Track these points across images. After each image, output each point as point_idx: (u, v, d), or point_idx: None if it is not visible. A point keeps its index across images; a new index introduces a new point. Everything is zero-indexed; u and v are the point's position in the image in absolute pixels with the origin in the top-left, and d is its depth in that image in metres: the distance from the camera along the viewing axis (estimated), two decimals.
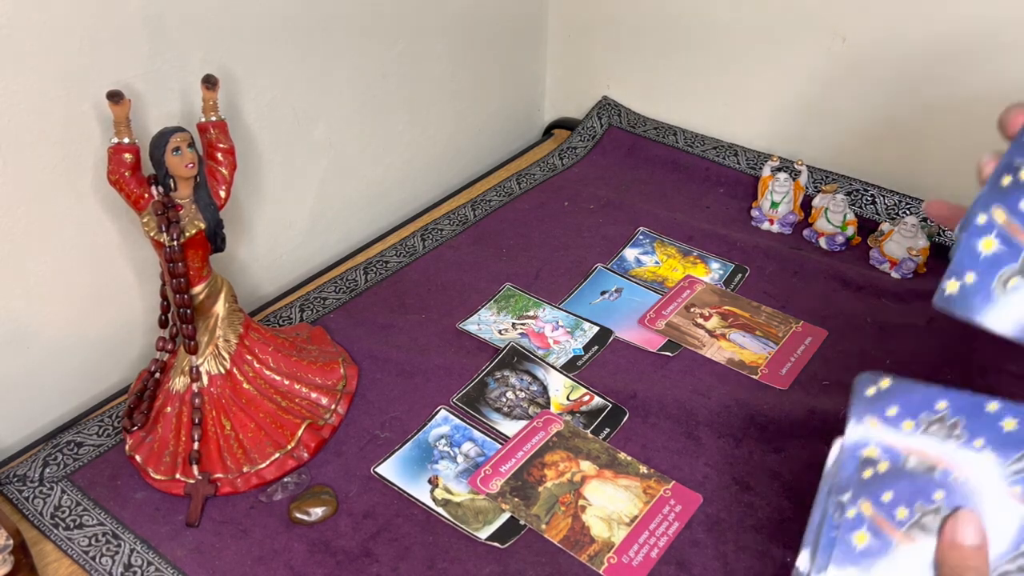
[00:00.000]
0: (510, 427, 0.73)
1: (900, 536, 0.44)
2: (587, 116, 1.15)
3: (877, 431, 0.44)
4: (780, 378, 0.77)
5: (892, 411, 0.44)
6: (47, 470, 0.69)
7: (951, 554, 0.41)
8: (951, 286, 0.44)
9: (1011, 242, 0.43)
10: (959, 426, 0.43)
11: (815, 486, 0.50)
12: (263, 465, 0.68)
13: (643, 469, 0.69)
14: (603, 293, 0.88)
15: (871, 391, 0.45)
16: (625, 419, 0.73)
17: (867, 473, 0.45)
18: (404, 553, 0.63)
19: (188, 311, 0.66)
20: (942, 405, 0.43)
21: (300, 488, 0.68)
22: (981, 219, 0.44)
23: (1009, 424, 0.42)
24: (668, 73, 1.10)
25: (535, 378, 0.77)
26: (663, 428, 0.72)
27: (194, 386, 0.68)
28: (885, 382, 0.44)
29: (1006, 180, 0.44)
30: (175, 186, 0.64)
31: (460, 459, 0.70)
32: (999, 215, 0.44)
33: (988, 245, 0.44)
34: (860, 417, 0.45)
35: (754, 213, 0.98)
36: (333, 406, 0.73)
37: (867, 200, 0.96)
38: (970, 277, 0.44)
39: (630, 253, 0.94)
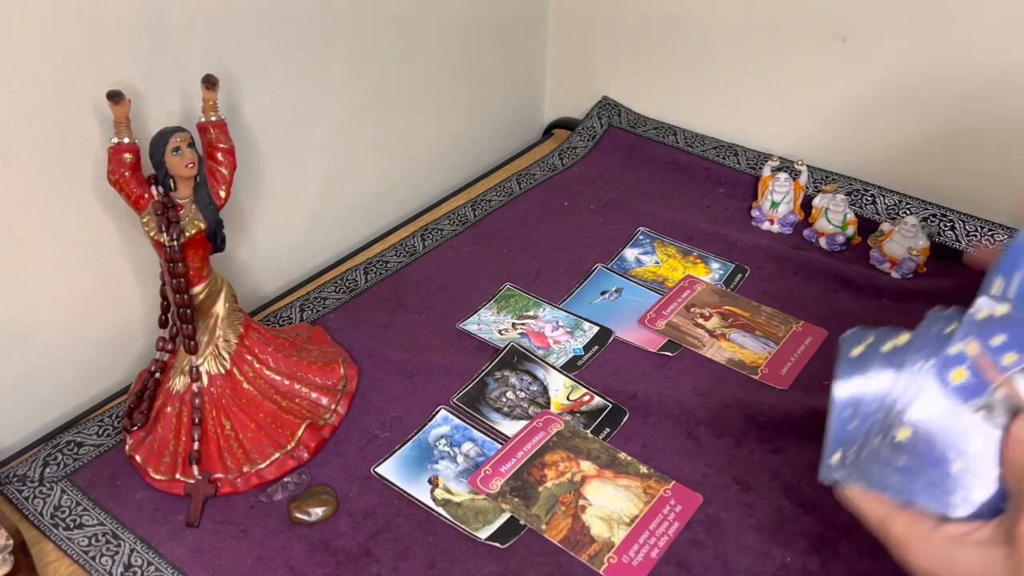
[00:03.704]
0: (510, 427, 0.73)
1: (1002, 380, 0.42)
2: (587, 116, 1.15)
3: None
4: (780, 378, 0.77)
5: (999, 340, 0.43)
6: (47, 470, 0.69)
7: (1017, 451, 0.41)
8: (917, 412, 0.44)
9: (980, 376, 0.43)
10: None
11: (815, 486, 0.50)
12: (263, 465, 0.68)
13: (643, 469, 0.69)
14: (603, 293, 0.88)
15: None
16: (625, 419, 0.73)
17: (982, 314, 0.44)
18: (404, 553, 0.63)
19: (188, 311, 0.66)
20: None
21: (300, 488, 0.68)
22: (954, 350, 0.44)
23: None
24: (668, 73, 1.10)
25: (535, 378, 0.77)
26: (663, 428, 0.72)
27: (194, 386, 0.68)
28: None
29: (982, 314, 0.44)
30: (175, 186, 0.64)
31: (460, 459, 0.70)
32: (972, 348, 0.44)
33: (958, 376, 0.44)
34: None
35: (754, 213, 0.98)
36: (333, 406, 0.73)
37: (867, 200, 0.96)
38: (940, 395, 0.44)
39: (630, 253, 0.94)
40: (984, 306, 0.44)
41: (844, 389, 0.47)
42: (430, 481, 0.68)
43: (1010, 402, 0.42)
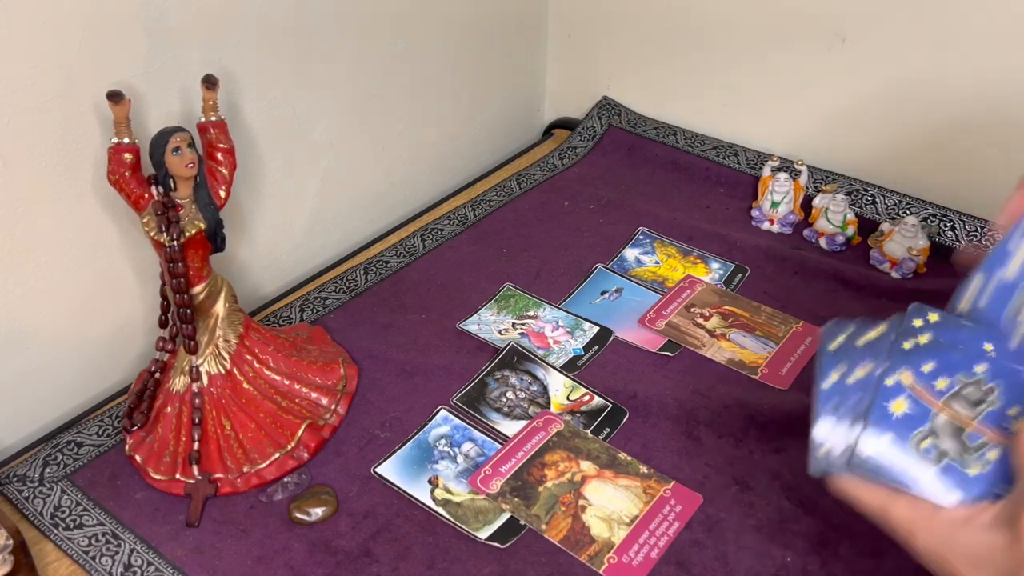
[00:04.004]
0: (510, 427, 0.73)
1: (939, 406, 0.44)
2: (587, 116, 1.15)
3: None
4: (780, 378, 0.77)
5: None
6: (47, 470, 0.69)
7: None
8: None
9: (920, 404, 0.45)
10: (994, 392, 0.44)
11: (815, 486, 0.50)
12: (263, 465, 0.68)
13: (643, 469, 0.69)
14: (603, 293, 0.88)
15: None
16: (625, 419, 0.73)
17: (908, 344, 0.46)
18: (404, 553, 0.63)
19: (188, 311, 0.66)
20: (980, 369, 0.44)
21: (300, 488, 0.68)
22: (889, 381, 0.46)
23: None
24: (668, 73, 1.10)
25: (535, 378, 0.77)
26: (663, 428, 0.72)
27: (194, 386, 0.68)
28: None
29: (908, 344, 0.46)
30: (175, 186, 0.64)
31: (460, 459, 0.70)
32: (906, 378, 0.45)
33: (899, 407, 0.45)
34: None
35: (754, 213, 0.98)
36: (333, 406, 0.73)
37: (867, 200, 0.96)
38: (888, 438, 0.45)
39: (630, 253, 0.94)
40: (908, 338, 0.46)
41: (825, 382, 0.48)
42: (430, 481, 0.68)
43: (953, 426, 0.44)
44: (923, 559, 0.44)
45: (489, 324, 0.84)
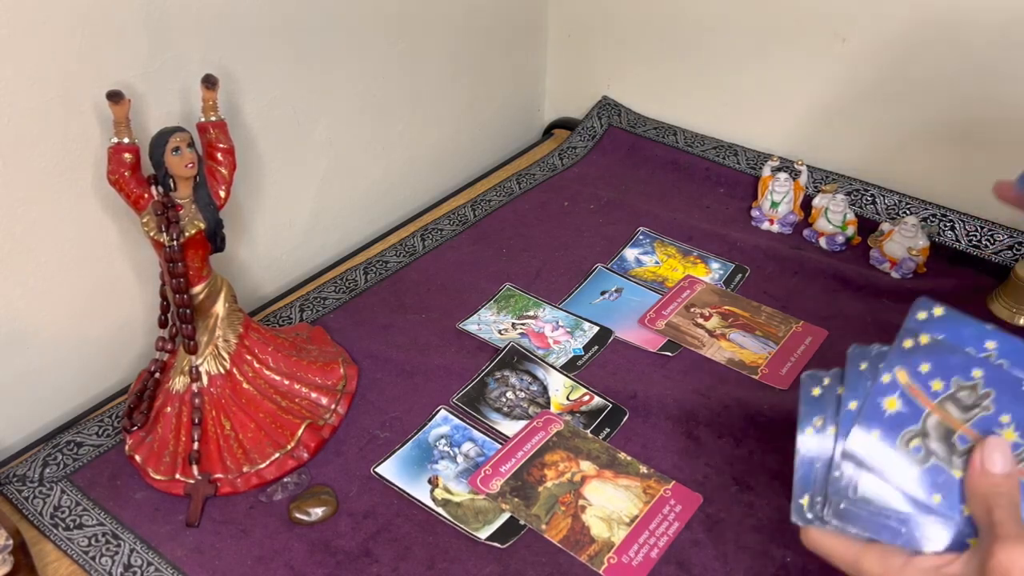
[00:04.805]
0: (510, 427, 0.73)
1: (933, 407, 0.44)
2: (587, 116, 1.15)
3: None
4: (780, 378, 0.77)
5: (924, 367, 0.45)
6: (47, 470, 0.69)
7: (980, 481, 0.41)
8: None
9: (913, 404, 0.45)
10: (989, 398, 0.43)
11: None
12: (263, 465, 0.68)
13: (643, 469, 0.69)
14: (603, 293, 0.88)
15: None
16: (625, 419, 0.73)
17: (908, 343, 0.46)
18: (404, 553, 0.63)
19: (188, 311, 0.66)
20: (978, 374, 0.44)
21: (300, 488, 0.68)
22: (886, 378, 0.46)
23: None
24: (668, 73, 1.10)
25: (535, 378, 0.77)
26: (663, 428, 0.72)
27: (194, 386, 0.68)
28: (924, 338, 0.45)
29: (908, 343, 0.46)
30: (175, 186, 0.64)
31: (460, 459, 0.70)
32: (902, 376, 0.45)
33: (892, 404, 0.45)
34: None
35: (754, 213, 0.98)
36: (333, 406, 0.73)
37: (867, 200, 0.96)
38: (876, 433, 0.45)
39: (630, 253, 0.94)
40: (908, 336, 0.46)
41: (806, 432, 0.48)
42: (430, 481, 0.68)
43: (943, 427, 0.44)
44: None
45: (489, 324, 0.84)
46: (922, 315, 0.46)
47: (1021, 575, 0.38)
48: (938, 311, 0.45)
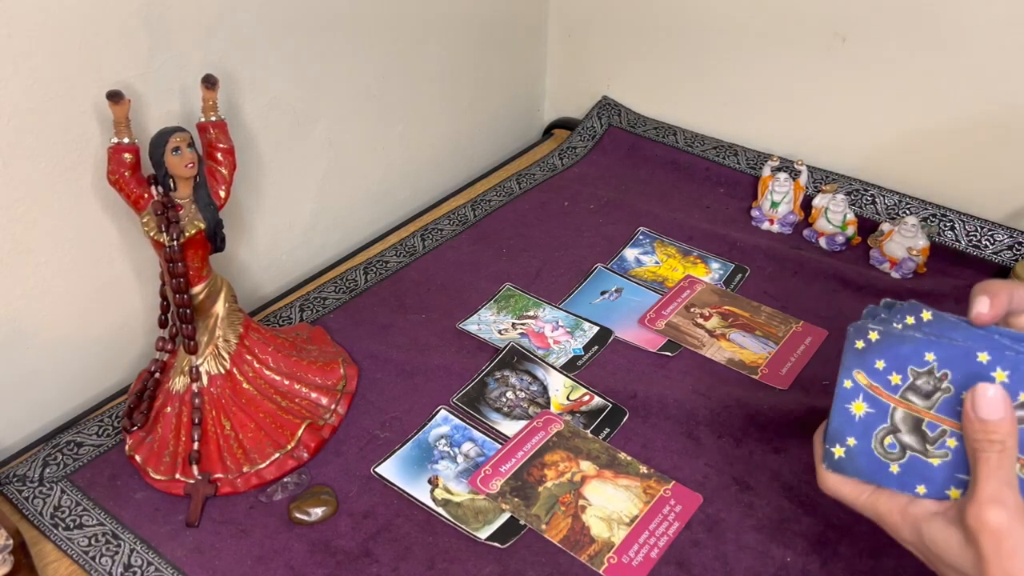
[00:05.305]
0: (510, 427, 0.73)
1: (896, 401, 0.45)
2: (587, 116, 1.15)
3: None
4: (780, 378, 0.77)
5: (880, 364, 0.46)
6: (47, 470, 0.69)
7: (973, 427, 0.41)
8: (838, 451, 0.47)
9: (877, 402, 0.46)
10: (947, 379, 0.44)
11: (815, 486, 0.51)
12: (263, 465, 0.68)
13: (643, 469, 0.69)
14: (603, 293, 0.88)
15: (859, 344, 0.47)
16: (625, 419, 0.73)
17: (859, 344, 0.47)
18: (404, 553, 0.63)
19: (188, 311, 0.66)
20: (930, 357, 0.44)
21: (300, 488, 0.68)
22: (847, 383, 0.47)
23: (1000, 376, 0.43)
24: (668, 73, 1.10)
25: (535, 378, 0.77)
26: (663, 428, 0.72)
27: (194, 386, 0.68)
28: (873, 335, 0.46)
29: (860, 344, 0.47)
30: (175, 186, 0.64)
31: (460, 459, 0.70)
32: (861, 378, 0.46)
33: (859, 408, 0.47)
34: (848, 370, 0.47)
35: (754, 213, 0.98)
36: (333, 406, 0.73)
37: (867, 200, 0.96)
38: (851, 440, 0.47)
39: (630, 253, 0.94)
40: (858, 336, 0.47)
41: (848, 382, 0.48)
42: (430, 481, 0.68)
43: (911, 419, 0.45)
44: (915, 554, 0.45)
45: (489, 324, 0.84)
46: (860, 344, 0.47)
47: (990, 535, 0.39)
48: (873, 335, 0.47)
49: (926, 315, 0.45)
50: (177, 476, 0.67)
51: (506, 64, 1.13)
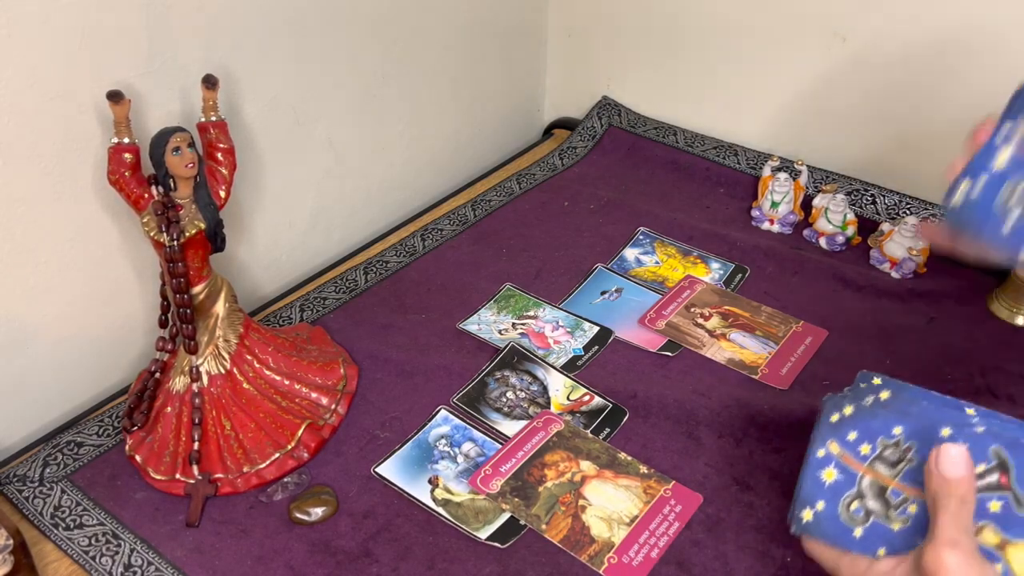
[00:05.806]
0: (510, 427, 0.73)
1: (864, 469, 0.48)
2: (587, 116, 1.15)
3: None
4: (780, 378, 0.77)
5: (852, 436, 0.49)
6: (47, 470, 0.69)
7: (936, 483, 0.43)
8: (807, 515, 0.50)
9: (847, 470, 0.49)
10: (912, 450, 0.47)
11: None
12: (263, 465, 0.68)
13: (643, 469, 0.69)
14: (603, 293, 0.88)
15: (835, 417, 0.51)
16: (625, 419, 0.73)
17: (834, 418, 0.50)
18: (404, 553, 0.63)
19: (188, 311, 0.66)
20: (898, 431, 0.48)
21: (300, 488, 0.68)
22: (820, 452, 0.50)
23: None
24: (668, 73, 1.10)
25: (535, 378, 0.77)
26: (663, 428, 0.72)
27: (194, 386, 0.68)
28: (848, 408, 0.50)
29: (835, 417, 0.51)
30: (175, 186, 0.64)
31: (460, 459, 0.70)
32: (834, 447, 0.50)
33: (829, 475, 0.49)
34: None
35: (754, 213, 0.98)
36: (333, 406, 0.73)
37: (867, 200, 0.96)
38: (820, 505, 0.49)
39: (630, 253, 0.94)
40: (834, 410, 0.51)
41: (821, 451, 0.51)
42: (430, 481, 0.68)
43: (876, 486, 0.48)
44: None
45: (489, 324, 0.84)
46: (863, 385, 0.51)
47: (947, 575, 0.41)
48: (877, 381, 0.51)
49: (884, 395, 0.49)
50: (177, 476, 0.67)
51: (506, 64, 1.13)
